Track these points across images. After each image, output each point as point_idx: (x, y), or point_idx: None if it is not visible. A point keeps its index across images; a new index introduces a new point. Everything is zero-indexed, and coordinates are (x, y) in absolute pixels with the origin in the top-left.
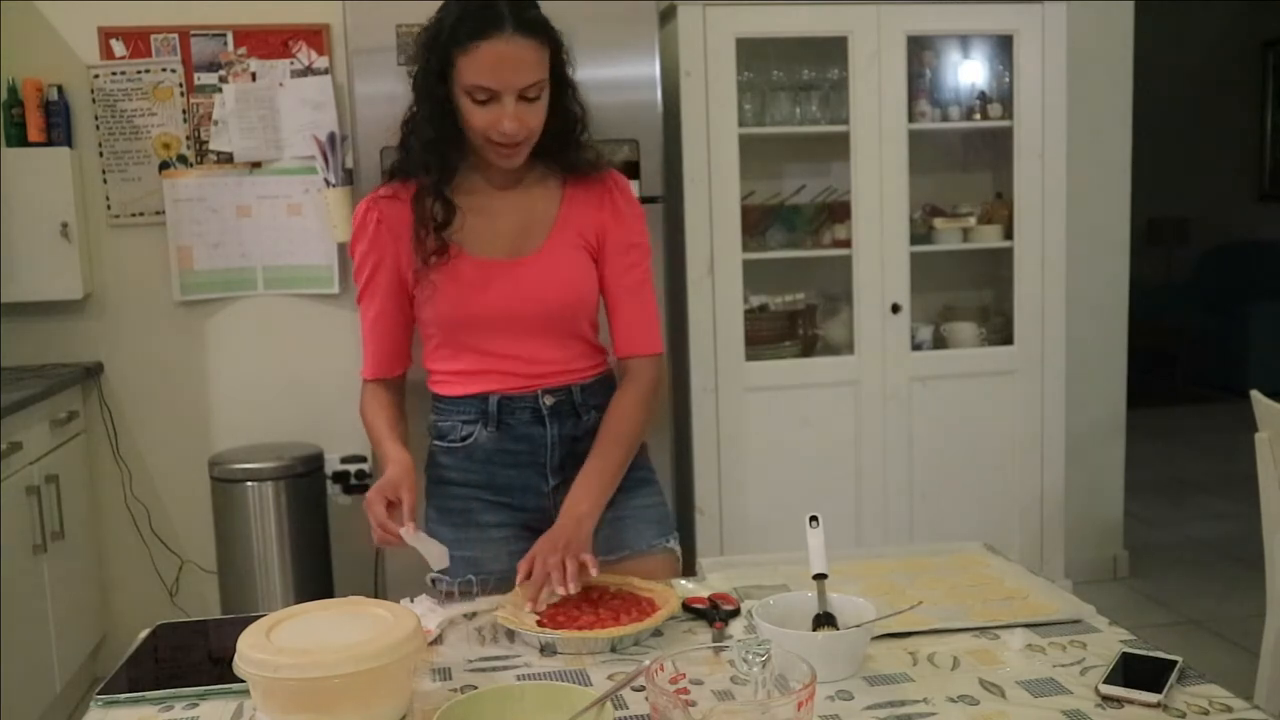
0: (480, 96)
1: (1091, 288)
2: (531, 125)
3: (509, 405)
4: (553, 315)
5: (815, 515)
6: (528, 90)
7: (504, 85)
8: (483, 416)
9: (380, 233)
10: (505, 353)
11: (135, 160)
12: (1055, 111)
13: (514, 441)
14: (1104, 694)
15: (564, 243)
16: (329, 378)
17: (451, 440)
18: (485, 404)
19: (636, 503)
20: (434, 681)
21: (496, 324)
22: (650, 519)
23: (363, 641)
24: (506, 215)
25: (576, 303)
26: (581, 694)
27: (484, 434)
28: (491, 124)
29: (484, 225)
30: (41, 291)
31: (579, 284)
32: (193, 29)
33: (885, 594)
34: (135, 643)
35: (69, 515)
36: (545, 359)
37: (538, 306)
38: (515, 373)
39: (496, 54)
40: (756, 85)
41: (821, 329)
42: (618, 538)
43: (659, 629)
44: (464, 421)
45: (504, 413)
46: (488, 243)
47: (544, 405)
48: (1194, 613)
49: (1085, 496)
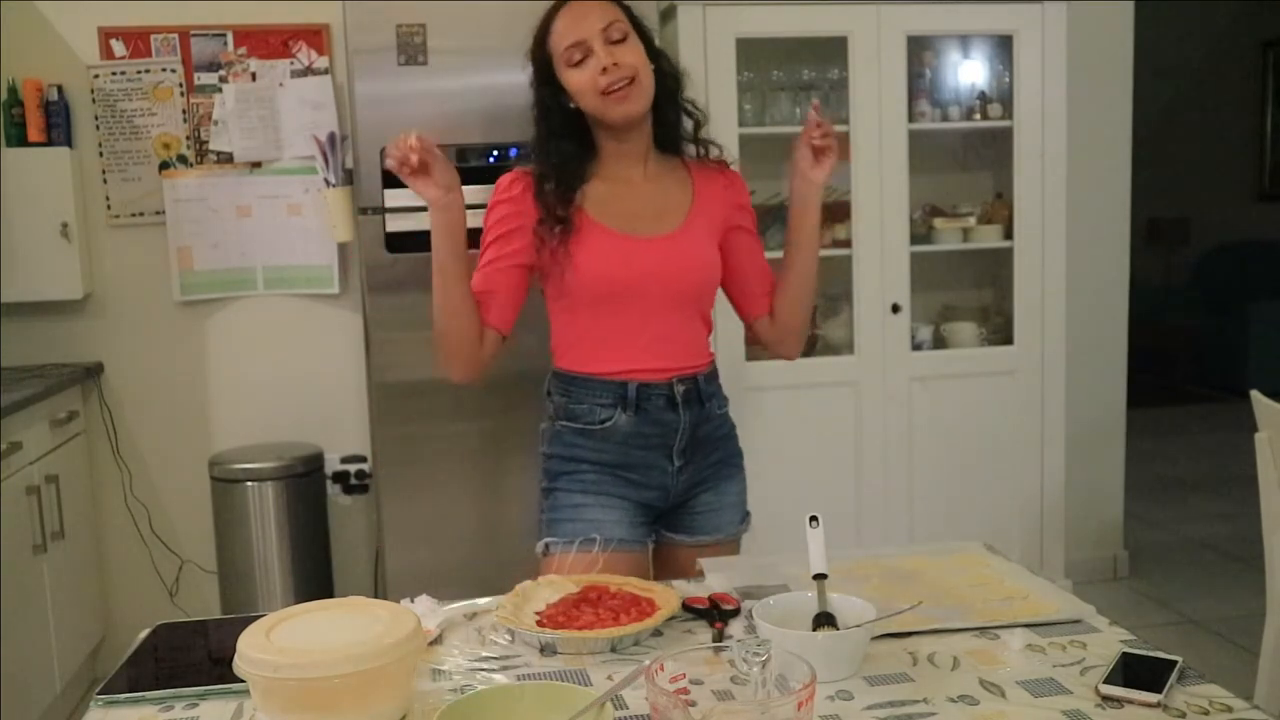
0: (575, 57)
1: (1091, 287)
2: (628, 60)
3: (646, 392)
4: (687, 292)
5: (815, 515)
6: (610, 30)
7: (585, 32)
8: (621, 402)
9: (526, 197)
10: (640, 328)
11: (135, 160)
12: (1055, 111)
13: (649, 425)
14: (1104, 694)
15: (699, 224)
16: (329, 378)
17: (588, 423)
18: (625, 390)
19: (733, 489)
20: (434, 681)
21: (634, 296)
22: (737, 504)
23: (363, 641)
24: (644, 197)
25: (708, 282)
26: (582, 694)
27: (623, 418)
28: (593, 75)
29: (624, 204)
30: (41, 291)
31: (711, 264)
32: (193, 29)
33: (886, 594)
34: (135, 642)
35: (69, 515)
36: (674, 338)
37: (675, 281)
38: (650, 351)
39: (571, 12)
40: (756, 85)
41: (821, 329)
42: (716, 521)
43: (659, 629)
44: (601, 405)
45: (642, 399)
46: (628, 219)
47: (678, 393)
48: (1194, 613)
49: (1085, 496)
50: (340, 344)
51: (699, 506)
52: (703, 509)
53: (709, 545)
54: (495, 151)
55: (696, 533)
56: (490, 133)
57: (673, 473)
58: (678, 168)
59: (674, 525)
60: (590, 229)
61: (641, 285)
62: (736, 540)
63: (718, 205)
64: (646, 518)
